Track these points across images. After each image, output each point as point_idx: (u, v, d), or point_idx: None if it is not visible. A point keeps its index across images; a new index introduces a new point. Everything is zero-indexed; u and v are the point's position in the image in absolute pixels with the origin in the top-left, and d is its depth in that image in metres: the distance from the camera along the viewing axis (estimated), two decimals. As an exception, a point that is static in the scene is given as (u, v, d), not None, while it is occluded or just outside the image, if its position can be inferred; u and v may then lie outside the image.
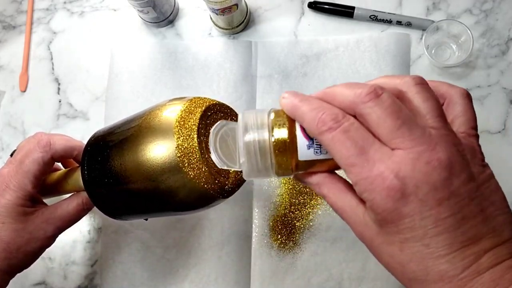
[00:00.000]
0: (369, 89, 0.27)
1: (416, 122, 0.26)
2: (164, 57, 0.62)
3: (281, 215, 0.56)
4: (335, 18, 0.62)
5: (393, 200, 0.25)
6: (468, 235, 0.26)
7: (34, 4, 0.67)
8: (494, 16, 0.59)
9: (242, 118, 0.31)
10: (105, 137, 0.42)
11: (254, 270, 0.56)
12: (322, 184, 0.31)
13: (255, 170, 0.30)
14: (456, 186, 0.26)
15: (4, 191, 0.42)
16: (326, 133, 0.27)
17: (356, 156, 0.26)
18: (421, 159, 0.25)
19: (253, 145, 0.30)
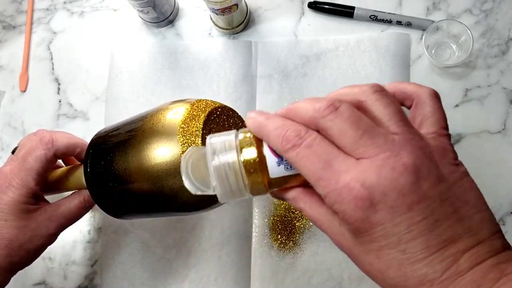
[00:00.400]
0: (327, 103, 0.27)
1: (378, 130, 0.26)
2: (164, 57, 0.62)
3: (281, 215, 0.56)
4: (335, 18, 0.62)
5: (362, 209, 0.25)
6: (444, 237, 0.25)
7: (34, 4, 0.67)
8: (494, 16, 0.59)
9: (210, 143, 0.31)
10: (108, 138, 0.43)
11: (254, 270, 0.56)
12: (298, 199, 0.31)
13: (229, 193, 0.30)
14: (425, 189, 0.25)
15: (7, 189, 0.42)
16: (290, 151, 0.27)
17: (322, 169, 0.26)
18: (386, 166, 0.25)
19: (223, 169, 0.30)
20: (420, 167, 0.26)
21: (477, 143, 0.56)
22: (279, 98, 0.60)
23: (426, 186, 0.25)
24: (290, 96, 0.59)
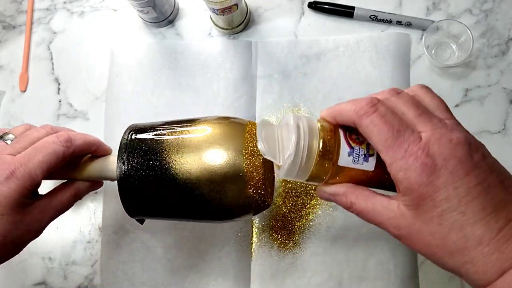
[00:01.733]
0: (389, 90, 0.33)
1: (433, 113, 0.31)
2: (164, 57, 0.62)
3: (281, 215, 0.56)
4: (335, 18, 0.62)
5: (427, 174, 0.29)
6: (496, 200, 0.28)
7: (34, 4, 0.67)
8: (494, 16, 0.59)
9: (294, 119, 0.34)
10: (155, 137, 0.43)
11: (254, 270, 0.56)
12: (349, 193, 0.34)
13: (295, 169, 0.33)
14: (476, 160, 0.29)
15: (9, 179, 0.39)
16: (364, 117, 0.31)
17: (393, 139, 0.30)
18: (444, 138, 0.29)
19: (303, 145, 0.32)
20: (471, 142, 0.30)
21: (477, 143, 0.56)
22: (279, 98, 0.60)
23: (477, 158, 0.29)
24: (290, 96, 0.59)
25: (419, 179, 0.29)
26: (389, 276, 0.54)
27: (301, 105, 0.59)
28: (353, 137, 0.34)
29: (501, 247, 0.28)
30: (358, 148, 0.33)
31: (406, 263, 0.54)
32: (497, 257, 0.28)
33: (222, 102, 0.59)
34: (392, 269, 0.54)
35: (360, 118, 0.31)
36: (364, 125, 0.31)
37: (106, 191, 0.60)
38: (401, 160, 0.29)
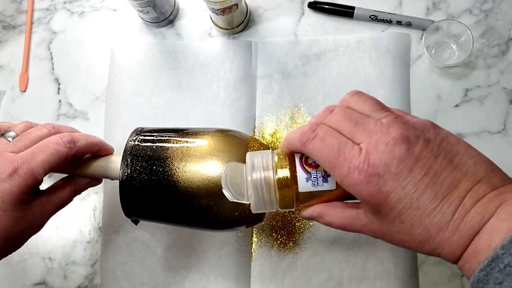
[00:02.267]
0: (324, 110, 0.35)
1: (367, 119, 0.32)
2: (164, 57, 0.62)
3: (281, 215, 0.56)
4: (335, 18, 0.62)
5: (374, 184, 0.30)
6: (446, 184, 0.30)
7: (34, 4, 0.67)
8: (494, 16, 0.59)
9: (249, 158, 0.36)
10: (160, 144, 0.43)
11: (254, 270, 0.56)
12: (323, 214, 0.36)
13: (261, 203, 0.35)
14: (418, 152, 0.30)
15: (11, 177, 0.40)
16: (307, 144, 0.33)
17: (335, 158, 0.31)
18: (381, 143, 0.30)
19: (260, 181, 0.35)
20: (408, 136, 0.31)
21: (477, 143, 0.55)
22: (279, 98, 0.60)
23: (418, 149, 0.30)
24: (290, 96, 0.59)
25: (368, 190, 0.30)
26: (389, 276, 0.54)
27: (301, 105, 0.59)
28: (309, 162, 0.35)
29: (458, 227, 0.29)
30: (315, 171, 0.35)
31: (406, 263, 0.54)
32: (457, 236, 0.29)
33: (222, 102, 0.59)
34: (392, 269, 0.54)
35: (304, 146, 0.33)
36: (308, 152, 0.33)
37: (106, 191, 0.60)
38: (347, 177, 0.31)
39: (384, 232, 0.32)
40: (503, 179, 0.31)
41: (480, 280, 0.28)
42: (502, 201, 0.29)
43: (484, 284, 0.28)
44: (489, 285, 0.28)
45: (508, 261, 0.27)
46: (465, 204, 0.29)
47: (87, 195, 0.61)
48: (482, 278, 0.28)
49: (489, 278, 0.28)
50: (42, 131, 0.44)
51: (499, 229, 0.28)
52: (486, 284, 0.28)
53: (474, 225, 0.29)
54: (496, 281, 0.27)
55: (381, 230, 0.32)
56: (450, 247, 0.30)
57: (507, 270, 0.27)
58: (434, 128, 0.32)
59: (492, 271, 0.28)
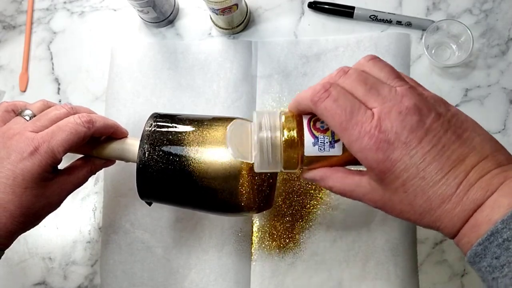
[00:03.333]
0: (339, 70, 0.34)
1: (382, 85, 0.32)
2: (164, 57, 0.62)
3: (281, 215, 0.56)
4: (335, 18, 0.62)
5: (382, 151, 0.30)
6: (453, 158, 0.30)
7: (34, 4, 0.67)
8: (494, 16, 0.59)
9: (256, 117, 0.35)
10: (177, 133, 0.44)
11: (254, 270, 0.56)
12: (326, 177, 0.36)
13: (266, 163, 0.35)
14: (429, 124, 0.30)
15: (32, 155, 0.41)
16: (319, 103, 0.32)
17: (347, 121, 0.31)
18: (394, 111, 0.31)
19: (266, 141, 0.34)
20: (421, 107, 0.31)
21: (477, 143, 0.56)
22: (279, 98, 0.60)
23: (429, 121, 0.30)
24: (290, 96, 0.59)
25: (376, 157, 0.31)
26: (389, 276, 0.54)
27: (301, 105, 0.59)
28: (317, 126, 0.35)
29: (461, 200, 0.30)
30: (323, 136, 0.35)
31: (406, 263, 0.54)
32: (459, 209, 0.30)
33: (222, 102, 0.59)
34: (392, 269, 0.54)
35: (315, 105, 0.32)
36: (319, 112, 0.33)
37: (106, 191, 0.60)
38: (357, 141, 0.31)
39: (386, 201, 0.33)
40: (508, 158, 0.31)
41: (477, 254, 0.29)
42: (506, 178, 0.29)
43: (481, 258, 0.28)
44: (486, 259, 0.28)
45: (507, 236, 0.27)
46: (470, 179, 0.30)
47: (87, 195, 0.61)
48: (480, 252, 0.28)
49: (487, 252, 0.28)
50: (61, 111, 0.45)
51: (500, 204, 0.28)
52: (483, 258, 0.28)
53: (477, 199, 0.29)
54: (494, 255, 0.28)
55: (383, 199, 0.33)
56: (451, 220, 0.30)
57: (505, 245, 0.27)
58: (445, 104, 0.32)
59: (491, 245, 0.28)
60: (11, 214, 0.41)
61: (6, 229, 0.41)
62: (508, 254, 0.27)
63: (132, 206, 0.58)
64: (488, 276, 0.29)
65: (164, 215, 0.58)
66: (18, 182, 0.41)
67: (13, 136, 0.42)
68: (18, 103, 0.47)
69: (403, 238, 0.54)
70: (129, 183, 0.59)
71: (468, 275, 0.54)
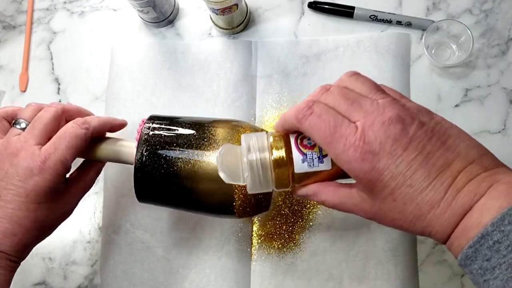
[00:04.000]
0: (320, 88, 0.35)
1: (364, 99, 0.33)
2: (164, 57, 0.62)
3: (281, 215, 0.56)
4: (335, 18, 0.62)
5: (368, 161, 0.31)
6: (439, 164, 0.30)
7: (34, 4, 0.67)
8: (494, 16, 0.59)
9: (244, 140, 0.36)
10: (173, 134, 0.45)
11: (254, 270, 0.56)
12: (318, 192, 0.36)
13: (257, 184, 0.36)
14: (412, 132, 0.31)
15: (41, 170, 0.41)
16: (303, 121, 0.33)
17: (331, 135, 0.32)
18: (377, 122, 0.31)
19: (256, 163, 0.35)
20: (403, 117, 0.31)
21: (477, 143, 0.56)
22: (279, 98, 0.60)
23: (412, 130, 0.31)
24: (290, 96, 0.59)
25: (362, 167, 0.31)
26: (389, 276, 0.54)
27: (301, 105, 0.59)
28: (305, 143, 0.36)
29: (450, 204, 0.30)
30: (311, 152, 0.35)
31: (406, 263, 0.54)
32: (449, 213, 0.30)
33: (222, 102, 0.59)
34: (392, 269, 0.54)
35: (300, 122, 0.33)
36: (304, 128, 0.33)
37: (106, 191, 0.60)
38: (343, 154, 0.32)
39: (376, 211, 0.33)
40: (495, 161, 0.32)
41: (468, 257, 0.29)
42: (493, 182, 0.30)
43: (472, 261, 0.29)
44: (477, 261, 0.28)
45: (497, 238, 0.27)
46: (457, 183, 0.30)
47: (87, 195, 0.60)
48: (471, 254, 0.29)
49: (478, 254, 0.28)
50: (50, 110, 0.45)
51: (489, 207, 0.29)
52: (474, 260, 0.29)
53: (465, 203, 0.29)
54: (485, 258, 0.28)
55: (373, 209, 0.33)
56: (441, 225, 0.30)
57: (495, 247, 0.27)
58: (428, 113, 0.33)
59: (481, 248, 0.28)
60: (27, 229, 0.42)
61: (22, 243, 0.42)
62: (498, 256, 0.27)
63: (132, 206, 0.58)
64: (479, 278, 0.29)
65: (164, 215, 0.58)
66: (31, 199, 0.42)
67: (18, 153, 0.42)
68: (8, 110, 0.48)
69: (403, 238, 0.54)
70: (129, 183, 0.59)
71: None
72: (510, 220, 0.27)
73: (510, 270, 0.27)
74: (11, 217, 0.41)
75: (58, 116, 0.45)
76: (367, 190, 0.32)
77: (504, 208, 0.28)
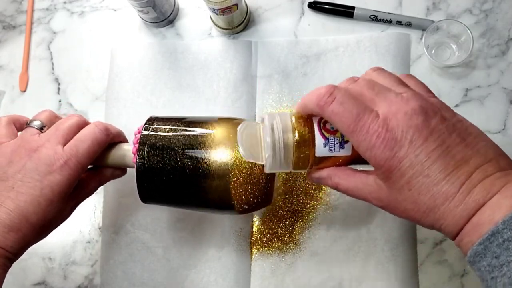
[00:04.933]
0: (348, 79, 0.36)
1: (389, 90, 0.34)
2: (164, 57, 0.62)
3: (281, 215, 0.56)
4: (335, 18, 0.62)
5: (390, 148, 0.31)
6: (457, 158, 0.31)
7: (34, 4, 0.67)
8: (494, 16, 0.59)
9: (268, 119, 0.36)
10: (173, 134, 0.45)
11: (254, 270, 0.56)
12: (333, 175, 0.37)
13: (277, 164, 0.36)
14: (434, 125, 0.31)
15: (62, 168, 0.42)
16: (325, 107, 0.33)
17: (354, 123, 0.32)
18: (400, 112, 0.32)
19: (278, 143, 0.35)
20: (427, 109, 0.32)
21: (477, 143, 0.56)
22: (279, 98, 0.60)
23: (434, 123, 0.32)
24: (290, 96, 0.59)
25: (384, 154, 0.32)
26: (389, 276, 0.54)
27: (301, 105, 0.59)
28: (327, 127, 0.36)
29: (464, 199, 0.30)
30: (333, 137, 0.35)
31: (406, 263, 0.54)
32: (462, 208, 0.30)
33: (222, 102, 0.59)
34: (392, 269, 0.54)
35: (322, 109, 0.33)
36: (326, 115, 0.34)
37: (106, 191, 0.60)
38: (365, 141, 0.32)
39: (391, 200, 0.33)
40: (510, 163, 0.32)
41: (477, 254, 0.29)
42: (507, 182, 0.30)
43: (481, 258, 0.29)
44: (486, 258, 0.29)
45: (508, 236, 0.28)
46: (473, 179, 0.30)
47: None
48: (480, 251, 0.29)
49: (487, 251, 0.29)
50: (74, 119, 0.46)
51: (502, 205, 0.29)
52: (483, 257, 0.29)
53: (479, 199, 0.30)
54: (494, 255, 0.28)
55: (388, 198, 0.33)
56: (453, 218, 0.31)
57: (505, 245, 0.28)
58: (451, 110, 0.34)
59: (491, 245, 0.28)
60: (32, 225, 0.42)
61: (24, 240, 0.42)
62: (507, 254, 0.28)
63: (132, 206, 0.58)
64: (487, 275, 0.29)
65: (164, 215, 0.58)
66: (45, 194, 0.42)
67: (39, 148, 0.42)
68: (17, 116, 0.48)
69: (403, 238, 0.54)
70: (129, 183, 0.58)
71: (468, 275, 0.54)
72: None
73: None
74: (21, 211, 0.41)
75: (81, 125, 0.46)
76: (385, 177, 0.33)
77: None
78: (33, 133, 0.45)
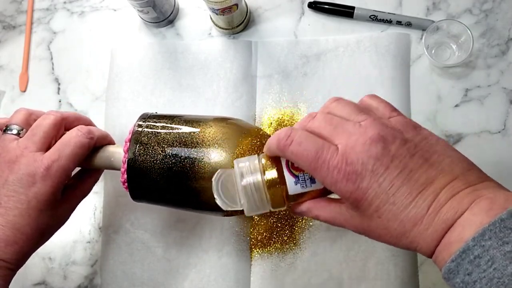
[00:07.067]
0: (308, 115, 0.36)
1: (347, 122, 0.34)
2: (164, 57, 0.62)
3: (281, 215, 0.56)
4: (335, 18, 0.62)
5: (352, 182, 0.31)
6: (421, 181, 0.31)
7: (34, 4, 0.67)
8: (494, 16, 0.59)
9: (237, 166, 0.37)
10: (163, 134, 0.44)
11: (254, 270, 0.56)
12: (312, 208, 0.37)
13: (254, 207, 0.37)
14: (394, 150, 0.31)
15: (44, 177, 0.41)
16: (285, 150, 0.34)
17: (315, 161, 0.32)
18: (358, 143, 0.32)
19: (250, 188, 0.36)
20: (385, 136, 0.32)
21: (477, 143, 0.56)
22: (279, 98, 0.60)
23: (395, 148, 0.31)
24: (290, 96, 0.59)
25: (348, 188, 0.32)
26: (389, 276, 0.54)
27: (301, 105, 0.59)
28: (295, 165, 0.36)
29: (432, 220, 0.30)
30: (302, 174, 0.36)
31: (406, 263, 0.54)
32: (431, 230, 0.30)
33: (222, 102, 0.59)
34: (392, 269, 0.54)
35: (283, 152, 0.34)
36: (288, 157, 0.34)
37: (106, 191, 0.60)
38: (327, 177, 0.32)
39: (364, 227, 0.34)
40: (480, 177, 0.32)
41: (450, 271, 0.29)
42: (476, 197, 0.30)
43: (454, 275, 0.29)
44: (459, 275, 0.29)
45: (478, 253, 0.28)
46: (440, 199, 0.30)
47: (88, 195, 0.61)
48: (453, 268, 0.29)
49: (460, 268, 0.29)
50: (50, 118, 0.45)
51: (471, 223, 0.29)
52: (456, 274, 0.29)
53: (448, 219, 0.30)
54: (466, 272, 0.28)
55: (362, 225, 0.34)
56: (425, 241, 0.31)
57: (476, 261, 0.28)
58: (414, 128, 0.33)
59: (463, 262, 0.29)
60: (28, 237, 0.42)
61: (23, 251, 0.42)
62: (479, 270, 0.28)
63: (132, 206, 0.58)
64: None
65: (164, 215, 0.58)
66: (33, 206, 0.41)
67: (18, 159, 0.42)
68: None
69: (403, 238, 0.54)
70: (129, 183, 0.59)
71: (468, 275, 0.54)
72: (491, 235, 0.28)
73: (489, 284, 0.27)
74: (14, 225, 0.41)
75: (58, 124, 0.45)
76: (355, 207, 0.33)
77: (485, 223, 0.28)
78: (11, 139, 0.44)
